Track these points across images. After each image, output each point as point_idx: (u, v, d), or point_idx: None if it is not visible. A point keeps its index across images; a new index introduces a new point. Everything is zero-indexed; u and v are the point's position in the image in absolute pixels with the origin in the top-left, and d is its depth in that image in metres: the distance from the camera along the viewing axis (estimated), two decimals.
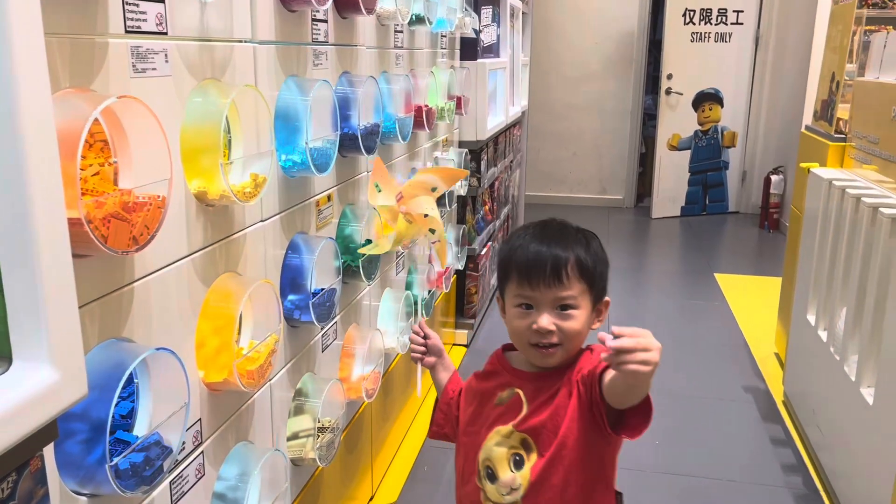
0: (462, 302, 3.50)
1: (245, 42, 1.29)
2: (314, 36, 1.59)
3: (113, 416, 1.02)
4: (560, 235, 1.20)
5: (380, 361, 2.00)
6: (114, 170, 0.95)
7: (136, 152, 0.96)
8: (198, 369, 1.19)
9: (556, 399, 1.19)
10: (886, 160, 2.32)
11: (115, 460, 0.95)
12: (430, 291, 2.63)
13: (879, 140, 2.39)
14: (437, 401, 1.44)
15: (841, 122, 2.86)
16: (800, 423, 2.66)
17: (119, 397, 1.07)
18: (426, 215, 1.51)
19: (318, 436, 1.61)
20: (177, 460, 1.13)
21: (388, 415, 2.39)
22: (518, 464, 1.20)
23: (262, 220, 1.39)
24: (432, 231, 1.52)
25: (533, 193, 6.55)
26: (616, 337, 1.00)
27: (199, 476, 1.20)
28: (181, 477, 1.15)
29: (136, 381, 1.04)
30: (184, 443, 1.14)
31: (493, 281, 4.08)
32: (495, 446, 1.22)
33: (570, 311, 1.17)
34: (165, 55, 1.06)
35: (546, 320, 1.16)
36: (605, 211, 6.53)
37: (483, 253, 3.59)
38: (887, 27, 2.71)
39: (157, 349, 0.99)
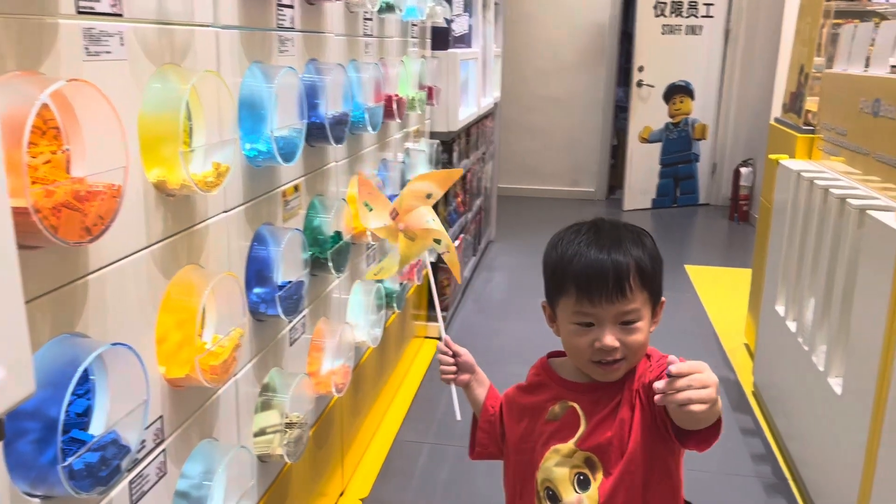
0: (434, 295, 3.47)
1: (207, 26, 1.25)
2: (279, 22, 1.54)
3: (68, 415, 0.99)
4: (616, 238, 1.11)
5: (350, 355, 1.97)
6: (66, 157, 0.91)
7: (89, 139, 0.92)
8: (158, 365, 1.15)
9: (619, 413, 1.12)
10: (854, 152, 2.34)
11: (69, 460, 0.91)
12: (401, 284, 2.60)
13: (847, 132, 2.41)
14: (475, 419, 1.33)
15: (809, 115, 2.88)
16: (769, 413, 2.68)
17: (75, 395, 1.03)
18: (428, 228, 1.37)
19: (286, 432, 1.58)
20: (136, 459, 1.09)
21: (360, 409, 2.36)
22: (583, 484, 1.13)
23: (225, 211, 1.35)
24: (437, 241, 1.37)
25: (505, 185, 6.54)
26: (672, 376, 0.94)
27: (160, 475, 1.16)
28: (141, 476, 1.11)
29: (91, 377, 1.00)
30: (143, 441, 1.10)
31: (465, 273, 4.06)
32: (555, 466, 1.15)
33: (635, 325, 1.09)
34: (121, 38, 1.01)
35: (610, 339, 1.07)
36: (577, 203, 6.55)
37: (456, 245, 3.57)
38: (855, 20, 2.73)
39: (114, 344, 0.96)
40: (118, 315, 1.04)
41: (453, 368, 1.31)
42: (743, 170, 5.85)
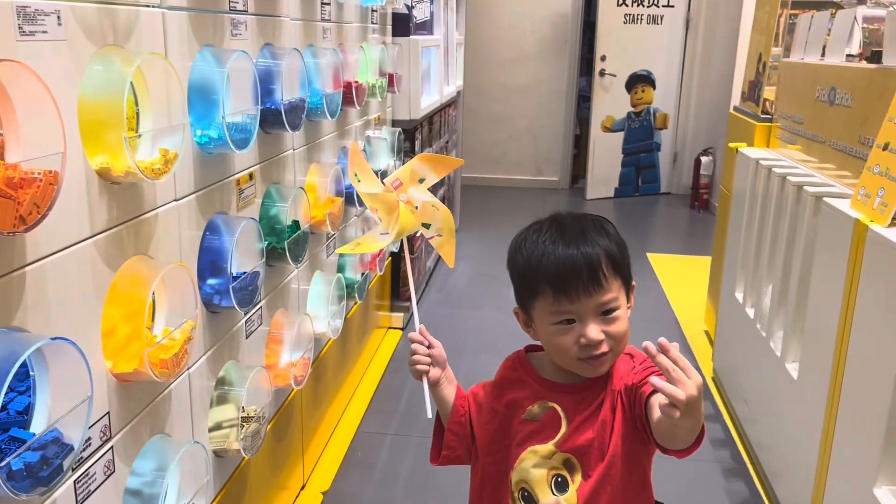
0: (397, 284, 3.45)
1: (152, 7, 1.20)
2: (232, 4, 1.50)
3: (7, 412, 0.95)
4: (580, 230, 1.09)
5: (309, 347, 1.93)
6: (0, 142, 0.86)
7: (24, 123, 0.87)
8: (105, 359, 1.11)
9: (601, 414, 1.10)
10: (810, 140, 2.37)
11: (7, 460, 0.87)
12: (363, 274, 2.57)
13: (804, 120, 2.44)
14: (439, 421, 1.26)
15: (767, 103, 2.91)
16: (728, 398, 2.72)
17: (16, 392, 0.99)
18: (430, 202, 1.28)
19: (243, 426, 1.54)
20: (81, 458, 1.05)
21: (320, 402, 2.33)
22: (560, 486, 1.11)
23: (175, 200, 1.30)
24: (426, 226, 1.29)
25: (469, 175, 6.52)
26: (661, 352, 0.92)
27: (108, 473, 1.12)
28: (87, 475, 1.07)
29: (32, 373, 0.96)
30: (88, 439, 1.06)
31: (430, 263, 4.04)
32: (532, 467, 1.11)
33: (615, 314, 1.07)
34: (58, 17, 0.96)
35: (595, 332, 1.05)
36: (541, 192, 6.56)
37: (418, 235, 3.54)
38: (811, 10, 2.76)
39: (54, 339, 0.91)
40: (60, 308, 1.00)
41: (427, 360, 1.21)
42: (703, 158, 5.92)
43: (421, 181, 1.29)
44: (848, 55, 2.55)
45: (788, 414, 2.06)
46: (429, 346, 1.22)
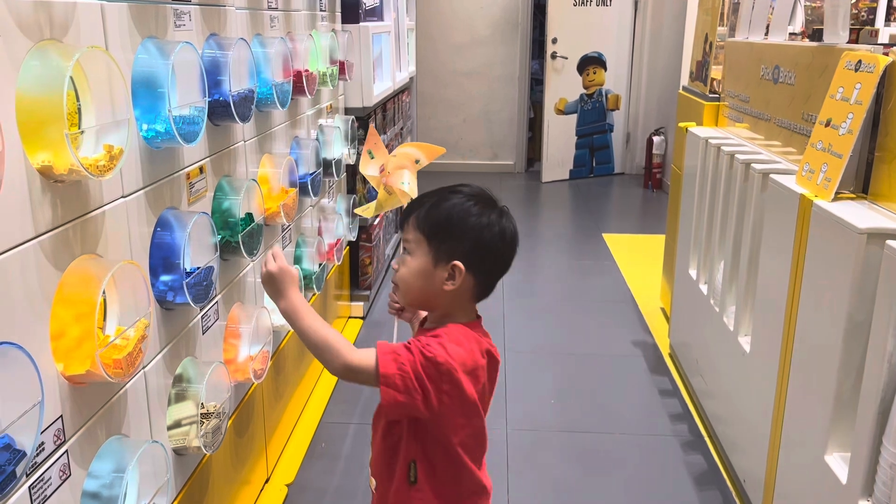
0: (356, 274, 3.44)
1: None
2: None
3: None
4: (437, 192, 1.24)
5: (268, 340, 1.92)
6: None
7: None
8: (55, 362, 1.08)
9: None
10: (757, 118, 2.42)
11: None
12: (321, 265, 2.55)
13: (750, 98, 2.49)
14: None
15: (714, 83, 2.96)
16: (685, 374, 2.78)
17: None
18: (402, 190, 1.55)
19: (203, 422, 1.52)
20: (35, 463, 1.03)
21: (281, 394, 2.31)
22: None
23: (123, 196, 1.28)
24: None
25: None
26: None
27: (64, 477, 1.10)
28: (42, 480, 1.05)
29: None
30: (42, 444, 1.04)
31: (388, 250, 4.03)
32: None
33: (405, 256, 1.22)
34: None
35: (395, 261, 1.24)
36: (498, 177, 6.59)
37: (376, 223, 3.53)
38: None
39: None
40: (4, 312, 0.97)
41: (398, 305, 1.36)
42: (655, 138, 6.01)
43: (417, 161, 1.57)
44: (791, 34, 2.60)
45: (742, 386, 2.11)
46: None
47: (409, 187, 1.53)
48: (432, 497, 1.21)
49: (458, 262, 1.17)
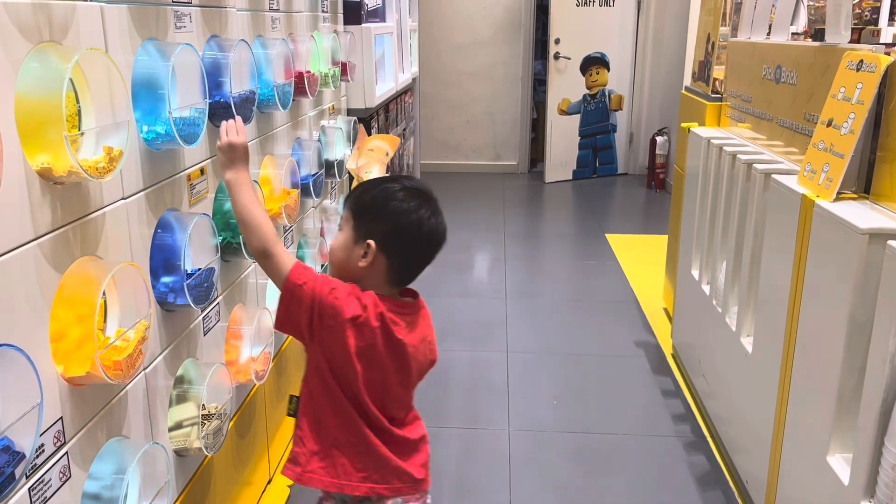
0: None
1: (90, 1, 1.17)
2: None
3: None
4: (377, 180, 1.34)
5: (270, 341, 1.91)
6: None
7: None
8: (55, 364, 1.08)
9: None
10: (759, 118, 2.42)
11: None
12: (323, 265, 2.55)
13: (752, 98, 2.49)
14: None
15: (717, 83, 2.96)
16: (687, 374, 2.78)
17: None
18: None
19: (204, 423, 1.53)
20: (34, 465, 1.03)
21: (283, 395, 2.32)
22: None
23: (123, 198, 1.28)
24: None
25: (428, 162, 6.52)
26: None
27: (64, 479, 1.10)
28: (42, 482, 1.05)
29: None
30: (41, 445, 1.04)
31: None
32: None
33: (337, 232, 1.32)
34: None
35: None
36: (501, 177, 6.58)
37: None
38: None
39: None
40: (4, 314, 0.97)
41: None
42: (658, 139, 6.00)
43: (387, 154, 1.75)
44: (794, 33, 2.60)
45: (744, 387, 2.11)
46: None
47: (374, 175, 1.66)
48: (306, 428, 1.31)
49: (371, 241, 1.25)
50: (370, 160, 1.71)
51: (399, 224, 1.26)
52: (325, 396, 1.27)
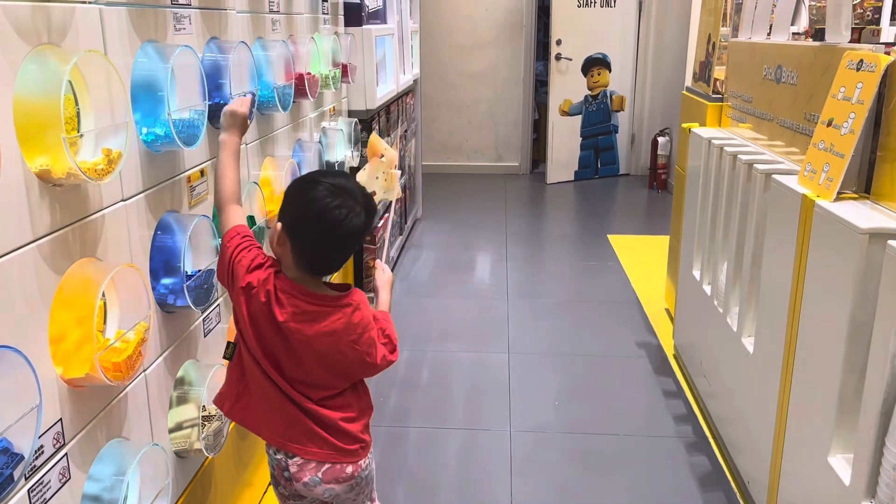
0: (360, 275, 3.44)
1: (88, 3, 1.17)
2: None
3: None
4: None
5: None
6: None
7: None
8: (55, 365, 1.08)
9: None
10: (759, 118, 2.41)
11: None
12: None
13: (753, 99, 2.48)
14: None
15: (718, 83, 2.95)
16: (689, 375, 2.77)
17: None
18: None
19: (204, 425, 1.53)
20: (33, 466, 1.03)
21: None
22: None
23: (123, 200, 1.28)
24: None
25: (430, 163, 6.51)
26: None
27: (63, 480, 1.10)
28: (42, 483, 1.05)
29: None
30: (41, 447, 1.04)
31: (393, 252, 4.03)
32: None
33: None
34: None
35: None
36: (502, 178, 6.58)
37: (380, 225, 3.53)
38: None
39: None
40: (3, 315, 0.97)
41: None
42: (660, 139, 5.99)
43: (382, 157, 1.77)
44: (795, 33, 2.59)
45: (746, 387, 2.10)
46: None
47: (366, 175, 1.80)
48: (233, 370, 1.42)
49: (279, 224, 1.34)
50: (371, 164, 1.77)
51: (303, 212, 1.33)
52: (242, 344, 1.38)
